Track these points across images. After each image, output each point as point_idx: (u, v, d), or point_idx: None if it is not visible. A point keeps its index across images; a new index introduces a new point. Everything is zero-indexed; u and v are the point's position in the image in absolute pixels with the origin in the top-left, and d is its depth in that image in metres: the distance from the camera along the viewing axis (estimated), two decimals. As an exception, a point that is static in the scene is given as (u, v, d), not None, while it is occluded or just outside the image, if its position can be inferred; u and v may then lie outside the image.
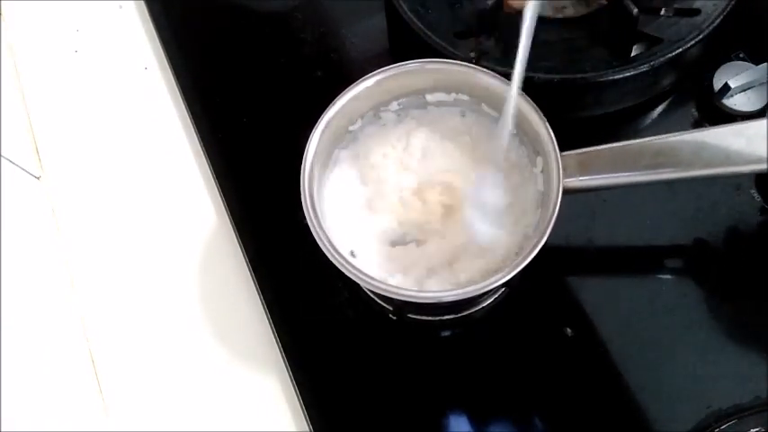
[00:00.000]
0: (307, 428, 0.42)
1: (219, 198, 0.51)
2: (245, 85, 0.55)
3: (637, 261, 0.46)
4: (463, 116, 0.44)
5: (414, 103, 0.43)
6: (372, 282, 0.36)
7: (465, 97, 0.42)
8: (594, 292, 0.44)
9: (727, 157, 0.36)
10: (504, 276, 0.34)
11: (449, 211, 0.42)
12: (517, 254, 0.39)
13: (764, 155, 0.36)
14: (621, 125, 0.49)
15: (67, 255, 0.51)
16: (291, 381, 0.44)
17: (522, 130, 0.40)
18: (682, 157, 0.37)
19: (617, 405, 0.41)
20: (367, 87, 0.41)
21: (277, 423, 0.44)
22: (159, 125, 0.55)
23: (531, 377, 0.43)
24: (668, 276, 0.44)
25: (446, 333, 0.45)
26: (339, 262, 0.36)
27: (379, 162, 0.44)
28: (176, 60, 0.57)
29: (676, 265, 0.45)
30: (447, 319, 0.44)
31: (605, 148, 0.38)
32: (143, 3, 0.60)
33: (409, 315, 0.43)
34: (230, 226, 0.49)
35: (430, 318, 0.44)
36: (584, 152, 0.38)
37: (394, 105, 0.43)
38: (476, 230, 0.41)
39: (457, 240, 0.41)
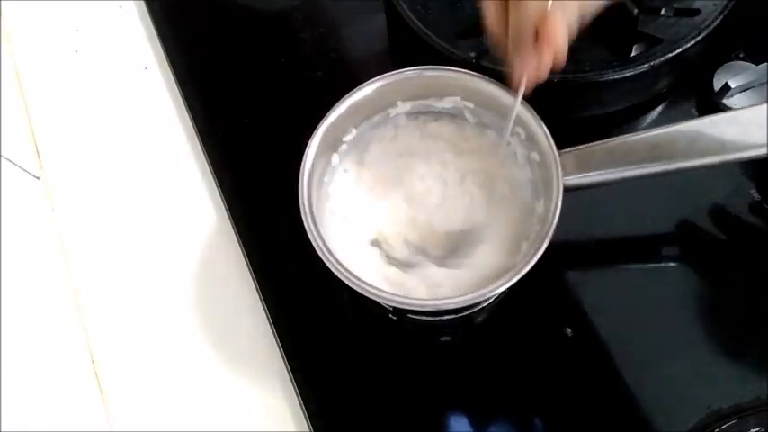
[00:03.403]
0: (307, 429, 0.42)
1: (219, 198, 0.51)
2: (245, 85, 0.55)
3: (637, 261, 0.46)
4: (462, 122, 0.44)
5: (413, 108, 0.43)
6: (370, 289, 0.35)
7: (464, 102, 0.42)
8: (594, 292, 0.44)
9: (723, 145, 0.36)
10: (505, 282, 0.34)
11: (447, 214, 0.42)
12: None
13: (759, 141, 0.36)
14: (621, 125, 0.49)
15: (67, 254, 0.51)
16: (292, 381, 0.44)
17: (519, 132, 0.40)
18: (678, 148, 0.37)
19: (617, 405, 0.41)
20: (365, 95, 0.41)
21: (278, 424, 0.43)
22: (159, 125, 0.55)
23: (531, 377, 0.43)
24: (668, 276, 0.44)
25: (446, 333, 0.45)
26: (339, 270, 0.36)
27: (377, 165, 0.44)
28: (176, 60, 0.57)
29: (676, 264, 0.45)
30: (447, 320, 0.44)
31: (602, 144, 0.38)
32: (143, 3, 0.60)
33: (409, 315, 0.43)
34: (230, 226, 0.49)
35: (430, 318, 0.44)
36: (581, 149, 0.38)
37: (392, 111, 0.43)
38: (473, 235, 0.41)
39: (455, 243, 0.41)
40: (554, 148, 0.37)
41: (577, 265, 0.46)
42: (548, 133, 0.38)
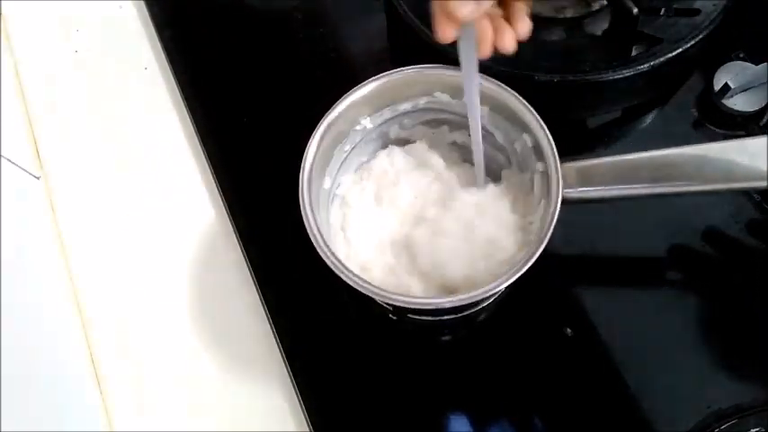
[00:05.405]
0: (307, 429, 0.42)
1: (219, 198, 0.51)
2: (245, 85, 0.55)
3: (637, 261, 0.46)
4: (464, 126, 0.44)
5: (412, 107, 0.43)
6: (371, 288, 0.35)
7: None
8: (594, 293, 0.44)
9: (730, 172, 0.36)
10: (501, 283, 0.34)
11: (448, 214, 0.42)
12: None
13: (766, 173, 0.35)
14: (621, 125, 0.49)
15: (67, 254, 0.51)
16: (292, 381, 0.44)
17: (525, 139, 0.40)
18: (683, 171, 0.36)
19: (617, 405, 0.41)
20: (368, 92, 0.40)
21: (278, 424, 0.43)
22: (159, 125, 0.55)
23: (532, 377, 0.43)
24: (668, 276, 0.44)
25: (446, 333, 0.45)
26: (342, 272, 0.36)
27: (379, 166, 0.44)
28: (176, 60, 0.57)
29: (676, 265, 0.45)
30: (447, 320, 0.44)
31: (606, 161, 0.38)
32: (143, 3, 0.60)
33: (409, 315, 0.43)
34: (230, 226, 0.49)
35: (430, 318, 0.44)
36: (585, 164, 0.38)
37: (397, 108, 0.43)
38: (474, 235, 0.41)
39: (458, 242, 0.41)
40: (557, 157, 0.37)
41: (578, 266, 0.46)
42: (552, 142, 0.37)
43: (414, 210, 0.43)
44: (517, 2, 0.37)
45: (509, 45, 0.36)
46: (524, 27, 0.36)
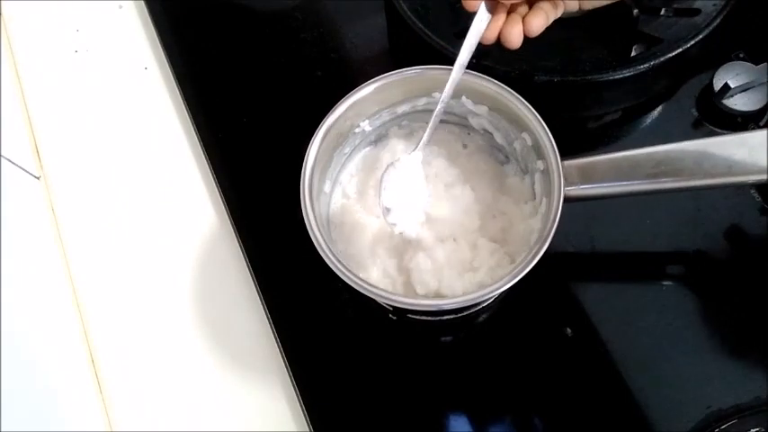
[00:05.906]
0: (307, 429, 0.42)
1: (219, 198, 0.51)
2: (245, 85, 0.55)
3: (637, 261, 0.46)
4: (463, 124, 0.44)
5: (411, 108, 0.43)
6: (371, 289, 0.35)
7: (467, 102, 0.42)
8: (595, 293, 0.44)
9: (730, 167, 0.36)
10: (504, 284, 0.34)
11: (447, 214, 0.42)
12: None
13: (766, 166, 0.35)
14: (622, 125, 0.49)
15: (67, 255, 0.51)
16: (291, 381, 0.44)
17: (525, 138, 0.40)
18: (684, 166, 0.36)
19: (617, 405, 0.41)
20: (368, 93, 0.40)
21: (278, 424, 0.43)
22: (159, 125, 0.55)
23: (532, 377, 0.43)
24: (668, 276, 0.44)
25: (446, 333, 0.45)
26: (342, 272, 0.36)
27: (378, 166, 0.44)
28: (176, 60, 0.57)
29: (676, 265, 0.45)
30: (447, 320, 0.44)
31: (607, 157, 0.38)
32: (143, 3, 0.60)
33: (409, 315, 0.43)
34: (230, 226, 0.49)
35: (430, 318, 0.44)
36: (586, 161, 0.38)
37: (393, 112, 0.43)
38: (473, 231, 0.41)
39: (456, 241, 0.41)
40: (558, 155, 0.37)
41: (578, 266, 0.46)
42: (552, 139, 0.37)
43: (412, 203, 0.43)
44: (544, 1, 0.39)
45: (515, 40, 0.38)
46: (537, 23, 0.38)
